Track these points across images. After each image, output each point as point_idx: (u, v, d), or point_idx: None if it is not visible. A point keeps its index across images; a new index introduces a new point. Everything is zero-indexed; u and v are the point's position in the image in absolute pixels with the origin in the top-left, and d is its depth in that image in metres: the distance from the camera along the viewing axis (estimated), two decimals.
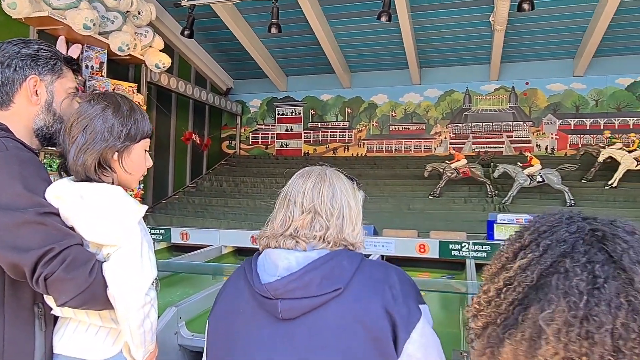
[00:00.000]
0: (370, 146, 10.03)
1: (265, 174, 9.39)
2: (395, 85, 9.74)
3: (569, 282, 0.70)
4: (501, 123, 9.21)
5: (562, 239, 0.76)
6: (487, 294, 0.80)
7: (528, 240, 0.79)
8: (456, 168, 7.43)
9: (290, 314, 0.98)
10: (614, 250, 0.71)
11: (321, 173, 1.14)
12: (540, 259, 0.75)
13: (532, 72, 8.87)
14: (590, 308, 0.67)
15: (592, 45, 7.60)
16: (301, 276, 0.99)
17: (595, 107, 8.68)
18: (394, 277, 1.03)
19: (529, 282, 0.74)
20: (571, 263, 0.72)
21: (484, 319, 0.80)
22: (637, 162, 6.77)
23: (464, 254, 2.80)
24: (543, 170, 6.77)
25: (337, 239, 1.06)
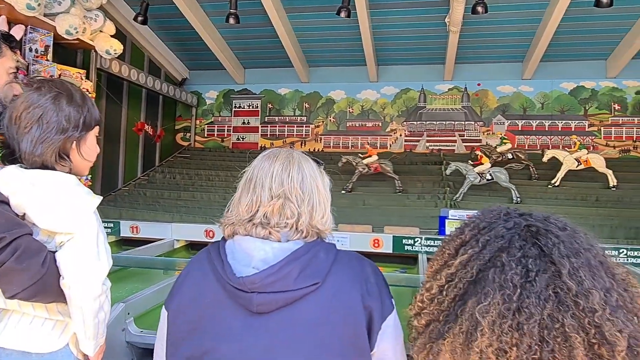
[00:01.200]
0: (327, 142, 10.07)
1: (221, 167, 9.24)
2: (353, 81, 9.82)
3: (504, 275, 0.73)
4: (454, 122, 9.48)
5: (500, 234, 0.79)
6: (429, 292, 0.82)
7: (469, 236, 0.82)
8: (367, 164, 7.60)
9: (265, 308, 0.95)
10: (545, 245, 0.75)
11: (289, 156, 1.10)
12: (479, 254, 0.78)
13: (484, 74, 9.19)
14: (522, 300, 0.70)
15: (540, 50, 7.95)
16: (280, 269, 0.96)
17: (541, 110, 9.10)
18: (369, 270, 1.03)
19: (469, 278, 0.77)
20: (507, 257, 0.75)
21: (427, 317, 0.82)
22: (578, 162, 7.15)
23: (416, 248, 2.87)
24: (492, 169, 7.03)
25: (309, 226, 1.03)
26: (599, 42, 8.07)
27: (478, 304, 0.73)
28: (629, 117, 8.75)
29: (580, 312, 0.70)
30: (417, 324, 0.84)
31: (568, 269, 0.72)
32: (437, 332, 0.79)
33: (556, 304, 0.70)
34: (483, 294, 0.74)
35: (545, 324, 0.69)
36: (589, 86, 8.87)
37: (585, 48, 8.25)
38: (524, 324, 0.69)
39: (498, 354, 0.70)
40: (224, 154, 10.13)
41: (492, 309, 0.72)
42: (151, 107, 9.50)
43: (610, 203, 6.71)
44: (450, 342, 0.75)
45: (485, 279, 0.75)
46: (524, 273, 0.73)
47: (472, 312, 0.74)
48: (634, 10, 7.05)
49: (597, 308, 0.70)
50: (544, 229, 0.78)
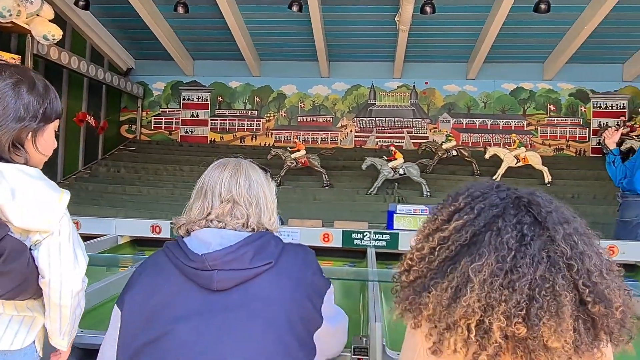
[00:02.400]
0: (278, 136, 10.03)
1: (169, 160, 8.98)
2: (305, 76, 9.82)
3: (500, 238, 0.77)
4: (402, 119, 9.71)
5: (494, 203, 0.83)
6: (420, 252, 0.87)
7: (463, 204, 0.86)
8: (296, 158, 7.76)
9: (224, 285, 1.03)
10: (539, 213, 0.80)
11: (237, 165, 1.21)
12: (474, 220, 0.82)
13: (431, 73, 9.46)
14: (516, 261, 0.75)
15: (483, 52, 8.28)
16: (237, 249, 1.06)
17: (484, 109, 9.50)
18: (311, 256, 1.19)
19: (462, 241, 0.81)
20: (503, 223, 0.79)
21: (415, 274, 0.87)
22: (517, 160, 7.53)
23: (365, 243, 2.92)
24: (405, 164, 7.36)
25: (258, 225, 1.15)
26: (537, 46, 8.52)
27: (472, 263, 0.77)
28: (562, 118, 9.31)
29: (573, 274, 0.75)
30: (405, 279, 0.89)
31: (562, 234, 0.77)
32: (423, 286, 0.83)
33: (548, 266, 0.75)
34: (478, 254, 0.78)
35: (537, 283, 0.73)
36: (527, 87, 9.35)
37: (525, 51, 8.68)
38: (515, 282, 0.74)
39: (485, 308, 0.74)
40: (172, 148, 9.85)
41: (485, 268, 0.76)
42: (94, 97, 9.07)
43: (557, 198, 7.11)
44: (437, 295, 0.79)
45: (481, 241, 0.79)
46: (519, 237, 0.77)
47: (465, 270, 0.77)
48: (569, 17, 7.50)
49: (593, 269, 0.75)
50: (534, 200, 0.83)
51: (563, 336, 0.72)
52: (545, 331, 0.72)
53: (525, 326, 0.72)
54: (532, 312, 0.72)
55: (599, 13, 6.92)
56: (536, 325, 0.72)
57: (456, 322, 0.76)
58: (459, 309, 0.75)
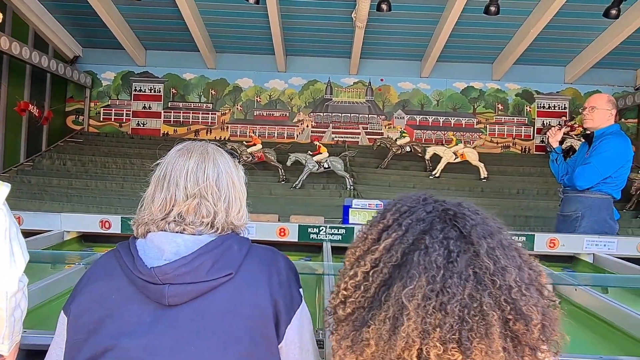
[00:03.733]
0: (234, 130, 9.90)
1: (118, 153, 8.67)
2: (261, 70, 9.73)
3: (428, 257, 0.76)
4: (358, 115, 9.83)
5: (421, 217, 0.82)
6: (354, 279, 0.82)
7: (391, 221, 0.84)
8: (252, 152, 7.77)
9: (177, 300, 0.94)
10: (464, 227, 0.80)
11: (203, 151, 1.09)
12: (403, 237, 0.80)
13: (387, 70, 9.62)
14: (445, 281, 0.74)
15: (436, 51, 8.50)
16: (192, 260, 0.96)
17: (437, 107, 9.77)
18: (281, 263, 1.06)
19: (394, 262, 0.79)
20: (430, 240, 0.78)
21: (352, 305, 0.82)
22: (455, 156, 7.80)
23: (321, 237, 2.95)
24: (330, 158, 7.54)
25: (225, 223, 1.05)
26: (486, 47, 8.83)
27: (404, 288, 0.74)
28: (509, 117, 9.72)
29: (496, 290, 0.74)
30: (342, 313, 0.83)
31: (485, 249, 0.76)
32: (362, 320, 0.79)
33: (475, 284, 0.74)
34: (408, 277, 0.75)
35: (465, 303, 0.72)
36: (477, 87, 9.69)
37: (475, 52, 8.99)
38: (446, 304, 0.72)
39: (423, 336, 0.71)
40: (122, 140, 9.51)
41: (417, 292, 0.73)
42: (37, 85, 8.59)
43: (492, 193, 7.43)
44: (376, 329, 0.75)
45: (410, 262, 0.77)
46: (446, 254, 0.76)
47: (398, 297, 0.74)
48: (516, 21, 7.82)
49: (513, 285, 0.74)
50: (460, 212, 0.83)
51: (494, 358, 0.71)
52: (477, 354, 0.70)
53: (459, 351, 0.71)
54: (464, 335, 0.71)
55: (544, 18, 7.26)
56: (468, 350, 0.70)
57: (400, 356, 0.73)
58: (399, 340, 0.73)
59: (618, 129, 3.41)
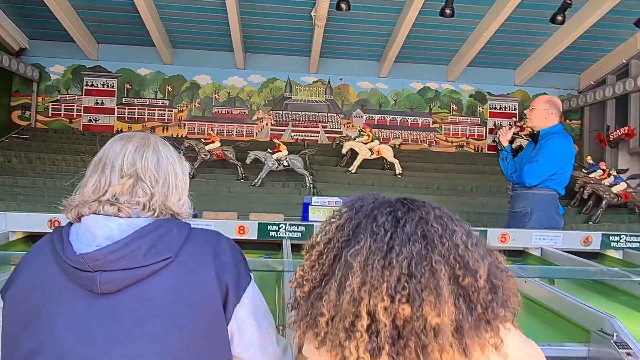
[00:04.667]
0: (191, 127, 9.71)
1: (69, 150, 8.32)
2: (220, 67, 9.59)
3: (376, 222, 0.81)
4: (317, 114, 9.87)
5: (372, 201, 0.89)
6: (310, 259, 0.87)
7: (345, 209, 0.91)
8: (210, 150, 7.67)
9: (111, 288, 0.88)
10: (412, 203, 0.87)
11: (144, 138, 1.05)
12: (354, 217, 0.86)
13: (346, 69, 9.71)
14: (394, 240, 0.79)
15: (394, 51, 8.67)
16: (126, 245, 0.90)
17: (394, 106, 9.95)
18: (225, 244, 1.01)
19: (345, 237, 0.84)
20: (379, 211, 0.84)
21: (309, 284, 0.86)
22: (371, 152, 7.96)
23: (281, 234, 2.95)
24: (289, 156, 7.59)
25: (163, 207, 0.99)
26: (442, 49, 9.08)
27: (351, 249, 0.79)
28: (463, 117, 10.04)
29: (446, 250, 0.79)
30: (300, 293, 0.87)
31: (434, 216, 0.83)
32: (317, 296, 0.82)
33: (424, 244, 0.79)
34: (356, 241, 0.80)
35: (415, 260, 0.76)
36: (433, 87, 9.95)
37: (431, 53, 9.22)
38: (394, 259, 0.76)
39: (370, 291, 0.74)
40: (72, 137, 9.12)
41: (364, 250, 0.78)
42: None
43: (448, 191, 7.65)
44: (327, 296, 0.79)
45: (358, 231, 0.82)
46: (394, 221, 0.81)
47: (346, 259, 0.79)
48: (470, 24, 8.09)
49: (460, 243, 0.80)
50: (408, 199, 0.90)
51: (443, 311, 0.73)
52: (426, 308, 0.73)
53: (409, 305, 0.73)
54: (412, 288, 0.74)
55: (495, 22, 7.54)
56: (417, 302, 0.73)
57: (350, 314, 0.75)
58: (345, 295, 0.75)
59: (561, 128, 3.63)
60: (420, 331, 0.73)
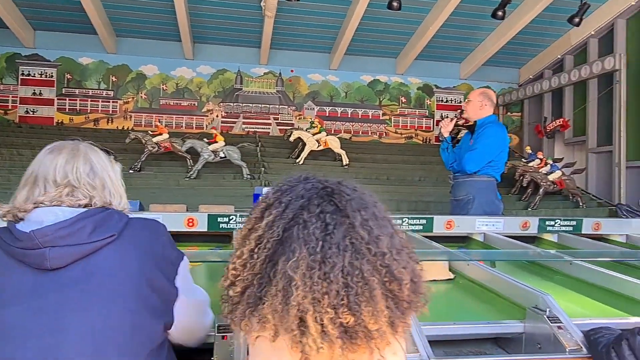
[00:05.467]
0: (138, 119, 9.39)
1: (4, 144, 7.82)
2: (167, 57, 9.32)
3: (307, 230, 0.80)
4: (269, 105, 9.80)
5: (300, 194, 0.86)
6: (241, 257, 0.85)
7: (272, 199, 0.88)
8: (157, 142, 7.47)
9: (59, 262, 0.94)
10: (340, 202, 0.85)
11: (74, 148, 1.08)
12: (283, 214, 0.84)
13: (297, 61, 9.69)
14: (325, 251, 0.79)
15: (344, 44, 8.74)
16: (72, 223, 0.95)
17: (345, 98, 10.05)
18: (162, 227, 1.09)
19: (275, 237, 0.82)
20: (308, 214, 0.83)
21: (242, 284, 0.84)
22: (318, 143, 8.06)
23: (231, 226, 2.91)
24: (226, 148, 7.46)
25: (105, 204, 1.05)
26: (390, 42, 9.25)
27: (288, 261, 0.78)
28: (411, 109, 10.29)
29: (372, 257, 0.80)
30: (233, 294, 0.85)
31: (360, 221, 0.82)
32: (254, 297, 0.82)
33: (353, 253, 0.79)
34: (291, 251, 0.79)
35: (347, 270, 0.77)
36: (383, 80, 10.12)
37: (380, 46, 9.37)
38: (329, 273, 0.77)
39: (314, 303, 0.76)
40: (7, 129, 8.58)
41: (302, 263, 0.77)
42: None
43: (397, 181, 7.84)
44: (270, 303, 0.79)
45: (291, 236, 0.81)
46: (323, 227, 0.80)
47: (284, 270, 0.78)
48: (417, 18, 8.28)
49: (386, 251, 0.81)
50: (337, 189, 0.87)
51: (380, 317, 0.77)
52: (365, 316, 0.76)
53: (352, 314, 0.76)
54: (352, 300, 0.76)
55: (441, 16, 7.77)
56: (358, 312, 0.76)
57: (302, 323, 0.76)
58: (292, 309, 0.77)
59: (495, 119, 3.88)
60: (359, 335, 0.77)
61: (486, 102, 3.78)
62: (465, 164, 3.70)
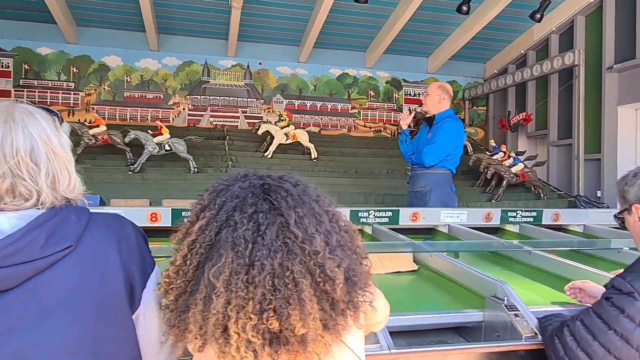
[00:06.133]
0: (101, 112, 9.10)
1: None
2: (131, 48, 9.06)
3: (236, 233, 0.77)
4: (237, 98, 9.68)
5: (236, 194, 0.83)
6: (174, 264, 0.82)
7: (207, 200, 0.85)
8: (94, 134, 7.12)
9: (8, 284, 0.81)
10: (275, 199, 0.82)
11: (8, 118, 0.89)
12: (216, 216, 0.80)
13: (265, 54, 9.59)
14: (254, 254, 0.75)
15: (312, 37, 8.70)
16: (21, 237, 0.82)
17: (314, 92, 10.03)
18: (129, 229, 0.96)
19: (208, 241, 0.79)
20: (240, 216, 0.79)
21: (175, 292, 0.81)
22: (287, 137, 8.01)
23: None
24: (171, 140, 7.23)
25: (55, 199, 0.91)
26: (359, 36, 9.27)
27: (213, 267, 0.75)
28: (380, 103, 10.37)
29: (306, 257, 0.77)
30: (167, 302, 0.82)
31: (294, 219, 0.79)
32: (185, 305, 0.79)
33: (286, 253, 0.76)
34: (218, 255, 0.76)
35: (277, 273, 0.74)
36: (351, 74, 10.15)
37: (349, 39, 9.38)
38: (256, 277, 0.73)
39: (237, 310, 0.73)
40: None
41: (226, 269, 0.74)
42: None
43: (365, 174, 7.88)
44: (193, 312, 0.76)
45: (220, 240, 0.77)
46: (255, 228, 0.77)
47: (208, 277, 0.75)
48: (385, 11, 8.32)
49: (319, 249, 0.78)
50: (276, 185, 0.84)
51: (309, 321, 0.74)
52: (293, 320, 0.74)
53: (277, 319, 0.73)
54: (279, 304, 0.73)
55: (408, 10, 7.82)
56: (285, 316, 0.73)
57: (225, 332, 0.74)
58: (211, 318, 0.74)
59: (452, 113, 3.95)
60: (291, 337, 0.75)
61: (444, 95, 3.86)
62: (424, 157, 3.77)
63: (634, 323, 1.10)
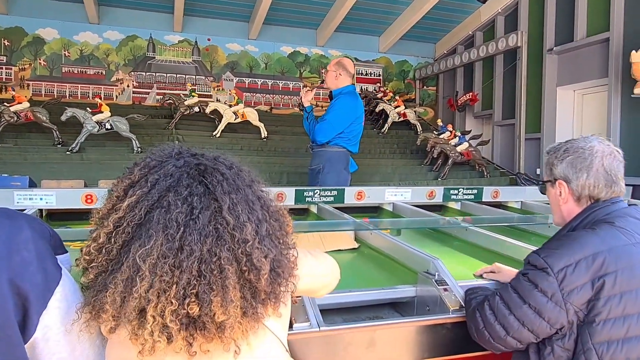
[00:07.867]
0: (37, 88, 8.56)
1: None
2: (68, 20, 8.52)
3: (169, 215, 0.74)
4: (185, 76, 9.36)
5: (170, 173, 0.80)
6: (97, 241, 0.78)
7: (138, 176, 0.81)
8: (16, 111, 6.65)
9: None
10: (211, 183, 0.80)
11: None
12: (148, 194, 0.77)
13: (214, 30, 9.28)
14: (185, 238, 0.73)
15: (262, 13, 8.49)
16: None
17: (265, 70, 9.85)
18: (26, 234, 0.79)
19: (137, 220, 0.76)
20: (174, 197, 0.76)
21: (95, 270, 0.77)
22: (235, 116, 7.87)
23: None
24: (112, 118, 6.87)
25: None
26: (310, 13, 9.13)
27: (140, 248, 0.73)
28: None
29: (235, 244, 0.76)
30: (86, 280, 0.78)
31: (228, 205, 0.78)
32: (103, 284, 0.75)
33: (215, 239, 0.75)
34: (147, 237, 0.73)
35: (205, 258, 0.73)
36: (303, 52, 10.02)
37: (300, 17, 9.22)
38: (184, 262, 0.72)
39: (159, 294, 0.71)
40: None
41: (154, 251, 0.72)
42: None
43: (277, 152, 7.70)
44: (112, 292, 0.72)
45: (150, 220, 0.75)
46: (188, 211, 0.75)
47: (134, 258, 0.72)
48: None
49: (249, 238, 0.77)
50: (212, 167, 0.82)
51: (230, 308, 0.74)
52: (215, 306, 0.73)
53: (198, 305, 0.72)
54: (201, 290, 0.72)
55: None
56: (206, 302, 0.72)
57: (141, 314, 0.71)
58: (132, 301, 0.71)
59: (353, 89, 3.88)
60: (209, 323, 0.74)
61: (341, 71, 3.81)
62: (316, 134, 3.76)
63: (546, 297, 1.15)
